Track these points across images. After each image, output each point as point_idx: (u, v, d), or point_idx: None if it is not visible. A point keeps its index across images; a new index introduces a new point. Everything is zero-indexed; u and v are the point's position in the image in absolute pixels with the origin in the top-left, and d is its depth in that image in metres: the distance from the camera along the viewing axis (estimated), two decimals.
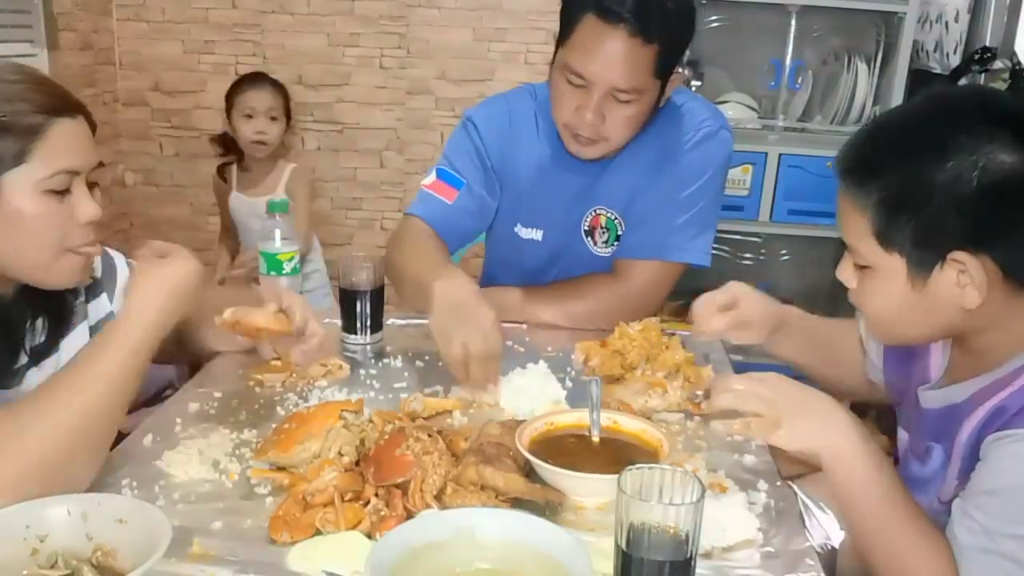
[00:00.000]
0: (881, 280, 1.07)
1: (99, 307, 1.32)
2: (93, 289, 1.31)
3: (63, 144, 1.09)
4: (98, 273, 1.31)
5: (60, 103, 1.11)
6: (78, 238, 1.13)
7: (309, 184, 2.98)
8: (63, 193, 1.10)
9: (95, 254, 1.18)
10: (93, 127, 1.17)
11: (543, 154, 1.74)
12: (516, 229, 1.81)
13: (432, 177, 1.77)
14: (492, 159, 1.76)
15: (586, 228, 1.77)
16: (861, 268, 1.10)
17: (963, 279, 1.01)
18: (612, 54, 1.49)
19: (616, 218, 1.74)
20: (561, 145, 1.69)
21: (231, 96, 2.88)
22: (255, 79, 2.93)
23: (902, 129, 1.06)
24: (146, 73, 3.34)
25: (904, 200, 1.00)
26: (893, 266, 1.04)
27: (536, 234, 1.79)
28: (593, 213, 1.75)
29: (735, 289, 1.43)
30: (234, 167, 2.92)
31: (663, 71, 1.55)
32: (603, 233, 1.75)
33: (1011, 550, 0.97)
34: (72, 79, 2.99)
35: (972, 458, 1.05)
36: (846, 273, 1.14)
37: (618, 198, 1.72)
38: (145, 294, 1.15)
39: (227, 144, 2.93)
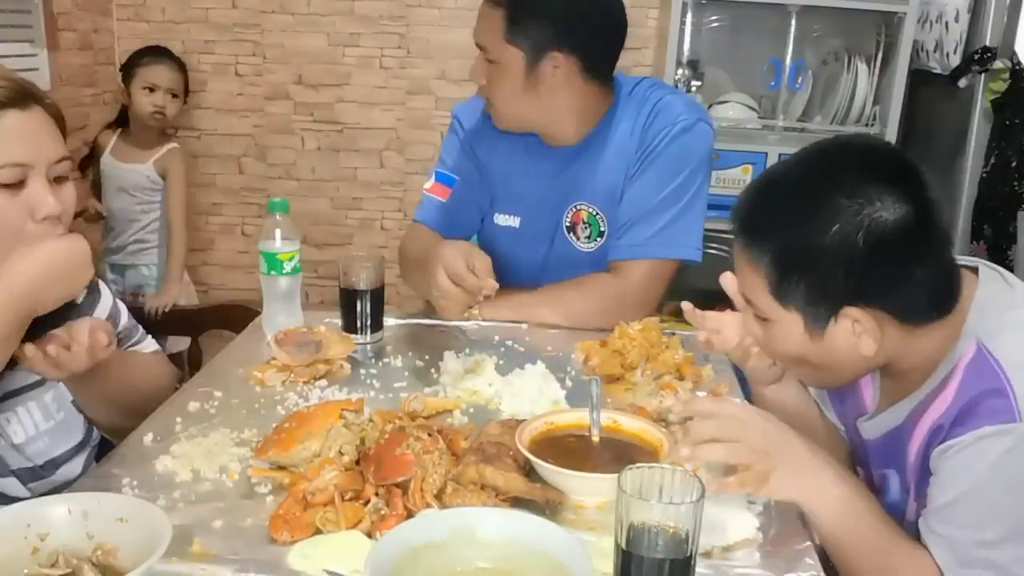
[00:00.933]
0: (781, 332, 1.08)
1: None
2: (71, 315, 1.20)
3: (11, 136, 1.06)
4: (79, 299, 1.24)
5: (10, 94, 1.07)
6: (36, 234, 1.09)
7: (184, 165, 2.95)
8: (15, 187, 1.07)
9: None
10: (59, 119, 1.14)
11: (518, 142, 1.78)
12: (495, 218, 1.86)
13: (431, 180, 1.86)
14: (475, 149, 1.83)
15: (568, 224, 1.79)
16: (762, 320, 1.11)
17: (857, 328, 1.03)
18: (479, 16, 1.64)
19: (597, 214, 1.76)
20: (535, 134, 1.76)
21: (131, 66, 2.87)
22: (158, 53, 2.93)
23: (789, 191, 1.07)
24: None
25: (794, 261, 1.03)
26: (790, 320, 1.06)
27: (513, 221, 1.83)
28: (574, 209, 1.77)
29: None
30: (115, 133, 2.92)
31: (517, 38, 1.60)
32: (585, 228, 1.78)
33: (984, 557, 0.99)
34: (72, 79, 2.99)
35: (925, 477, 1.07)
36: (750, 325, 1.15)
37: (597, 193, 1.75)
38: (20, 265, 1.07)
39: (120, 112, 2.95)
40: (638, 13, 3.18)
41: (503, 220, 1.84)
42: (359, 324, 1.61)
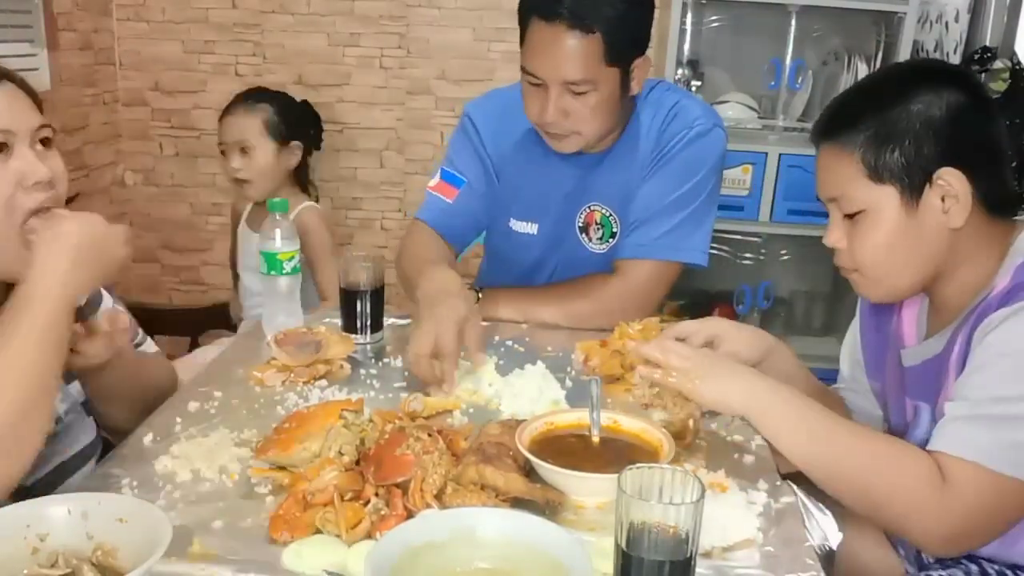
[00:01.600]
0: (874, 218, 1.16)
1: None
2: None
3: None
4: (81, 300, 1.19)
5: None
6: (27, 201, 1.08)
7: (322, 227, 2.37)
8: (1, 155, 1.06)
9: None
10: (31, 94, 1.13)
11: (537, 148, 1.75)
12: (510, 224, 1.83)
13: (436, 178, 1.82)
14: (489, 152, 1.79)
15: (580, 225, 1.78)
16: (851, 218, 1.18)
17: (948, 202, 1.13)
18: (556, 50, 1.53)
19: (611, 215, 1.75)
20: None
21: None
22: (237, 102, 2.45)
23: (869, 90, 1.21)
24: (146, 73, 3.34)
25: (889, 134, 1.13)
26: (886, 197, 1.14)
27: (531, 227, 1.81)
28: (588, 209, 1.77)
29: (714, 327, 1.35)
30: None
31: (616, 58, 1.56)
32: (598, 229, 1.77)
33: (994, 411, 1.02)
34: (72, 79, 2.99)
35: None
36: (835, 234, 1.21)
37: (612, 195, 1.74)
38: (45, 266, 1.03)
39: None
40: None
41: (521, 227, 1.82)
42: (359, 324, 1.61)
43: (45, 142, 1.13)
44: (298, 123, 2.48)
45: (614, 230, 1.75)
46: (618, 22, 1.53)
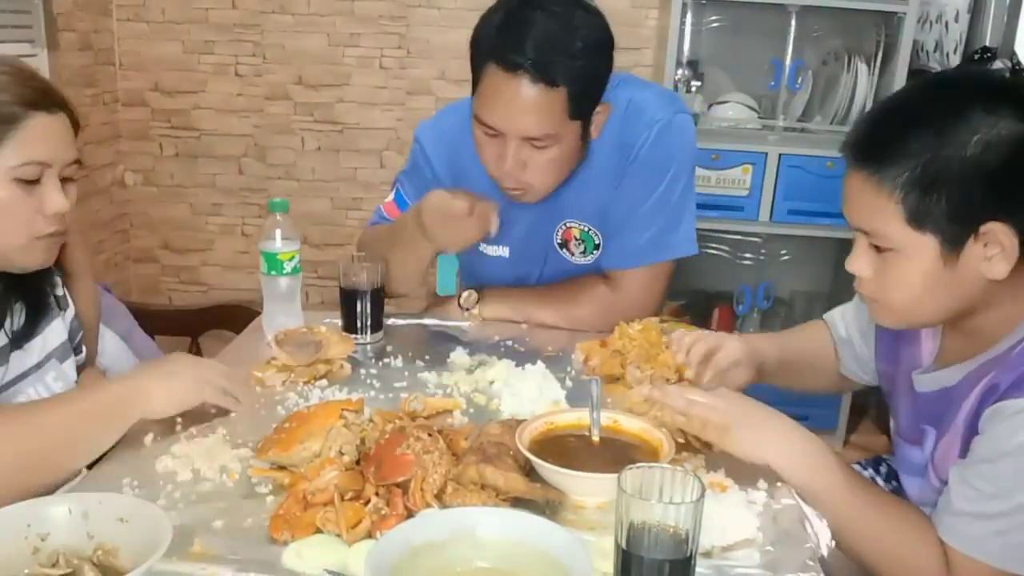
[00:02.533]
0: (908, 263, 1.06)
1: (68, 316, 1.37)
2: (63, 303, 1.36)
3: (37, 136, 1.15)
4: (61, 291, 1.36)
5: (40, 98, 1.16)
6: (44, 227, 1.18)
7: None
8: (32, 183, 1.16)
9: (58, 242, 1.24)
10: (76, 126, 1.22)
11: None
12: (482, 248, 1.75)
13: (390, 199, 1.77)
14: (441, 179, 1.71)
15: (559, 241, 1.73)
16: (881, 254, 1.08)
17: (991, 249, 1.02)
18: (517, 103, 1.42)
19: (590, 230, 1.69)
20: None
21: None
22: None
23: (917, 112, 1.04)
24: (146, 73, 3.34)
25: (935, 178, 1.00)
26: (924, 247, 1.03)
27: (502, 251, 1.75)
28: (564, 227, 1.71)
29: (712, 340, 1.37)
30: None
31: (579, 112, 1.47)
32: (579, 244, 1.72)
33: (1003, 509, 1.00)
34: (72, 79, 2.99)
35: (970, 438, 1.07)
36: (860, 263, 1.11)
37: (586, 210, 1.67)
38: (143, 386, 1.19)
39: None
40: (638, 13, 3.18)
41: (492, 251, 1.76)
42: (359, 324, 1.61)
43: (69, 180, 1.22)
44: None
45: (596, 243, 1.70)
46: (583, 76, 1.44)
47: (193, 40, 3.30)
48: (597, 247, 1.71)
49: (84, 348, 1.42)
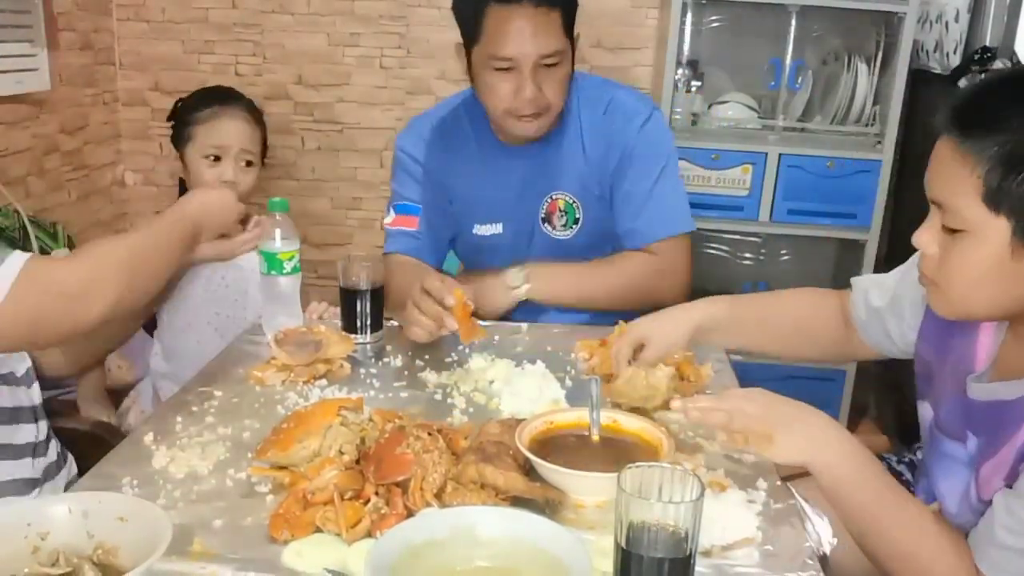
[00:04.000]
0: (975, 245, 0.99)
1: None
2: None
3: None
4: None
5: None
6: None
7: None
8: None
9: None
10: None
11: (482, 152, 1.81)
12: (474, 230, 1.86)
13: (391, 215, 1.86)
14: (432, 172, 1.83)
15: (543, 215, 1.83)
16: (949, 232, 1.02)
17: None
18: (527, 28, 1.59)
19: (574, 201, 1.81)
20: (497, 140, 1.79)
21: (189, 120, 2.09)
22: (229, 102, 2.12)
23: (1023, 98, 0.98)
24: (146, 73, 3.34)
25: (1023, 158, 0.94)
26: (996, 230, 0.97)
27: (496, 228, 1.85)
28: (550, 199, 1.82)
29: (637, 332, 1.41)
30: None
31: (570, 31, 1.66)
32: (561, 216, 1.83)
33: None
34: (72, 79, 2.99)
35: (1020, 464, 1.01)
36: (926, 236, 1.06)
37: (573, 181, 1.80)
38: (192, 202, 1.42)
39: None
40: (638, 13, 3.17)
41: (486, 230, 1.86)
42: (359, 324, 1.61)
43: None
44: None
45: (577, 216, 1.82)
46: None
47: (193, 40, 3.30)
48: (577, 221, 1.82)
49: None
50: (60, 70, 2.87)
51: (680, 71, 2.97)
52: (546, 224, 1.83)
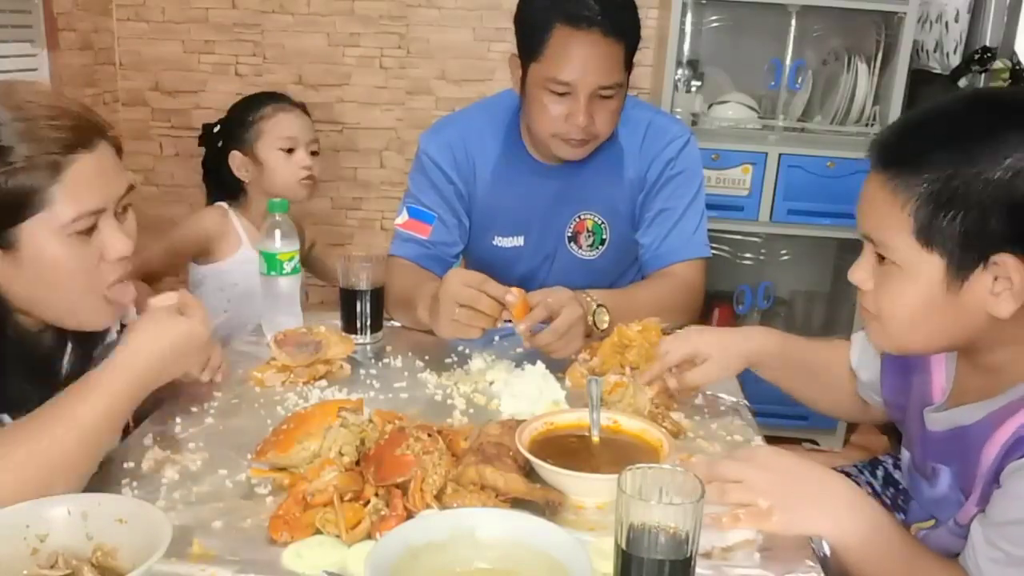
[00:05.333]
0: (909, 280, 1.00)
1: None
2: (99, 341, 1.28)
3: (84, 182, 1.04)
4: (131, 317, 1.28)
5: (76, 136, 1.05)
6: (109, 275, 1.10)
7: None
8: (88, 232, 1.06)
9: (127, 302, 1.15)
10: (119, 149, 1.12)
11: (510, 164, 1.79)
12: (494, 241, 1.85)
13: (404, 216, 1.82)
14: (454, 182, 1.80)
15: (570, 234, 1.82)
16: (884, 266, 1.03)
17: (999, 285, 0.95)
18: (592, 56, 1.57)
19: (602, 222, 1.80)
20: (529, 155, 1.77)
21: (254, 119, 2.22)
22: (282, 101, 2.28)
23: (952, 123, 0.98)
24: (146, 73, 3.34)
25: (953, 195, 0.94)
26: (929, 266, 0.98)
27: (518, 240, 1.84)
28: (578, 218, 1.81)
29: (693, 343, 1.33)
30: (232, 213, 2.23)
31: (629, 64, 1.65)
32: (588, 237, 1.82)
33: None
34: (72, 79, 2.99)
35: (993, 485, 1.00)
36: (861, 274, 1.06)
37: (603, 202, 1.79)
38: (143, 344, 1.09)
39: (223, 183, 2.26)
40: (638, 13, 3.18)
41: (506, 242, 1.84)
42: (359, 324, 1.61)
43: (124, 210, 1.13)
44: None
45: (604, 236, 1.81)
46: (636, 29, 1.64)
47: (193, 40, 3.30)
48: (604, 242, 1.81)
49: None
50: (60, 70, 2.87)
51: (680, 71, 2.97)
52: (572, 243, 1.82)
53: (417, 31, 3.25)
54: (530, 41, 1.62)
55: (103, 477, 1.12)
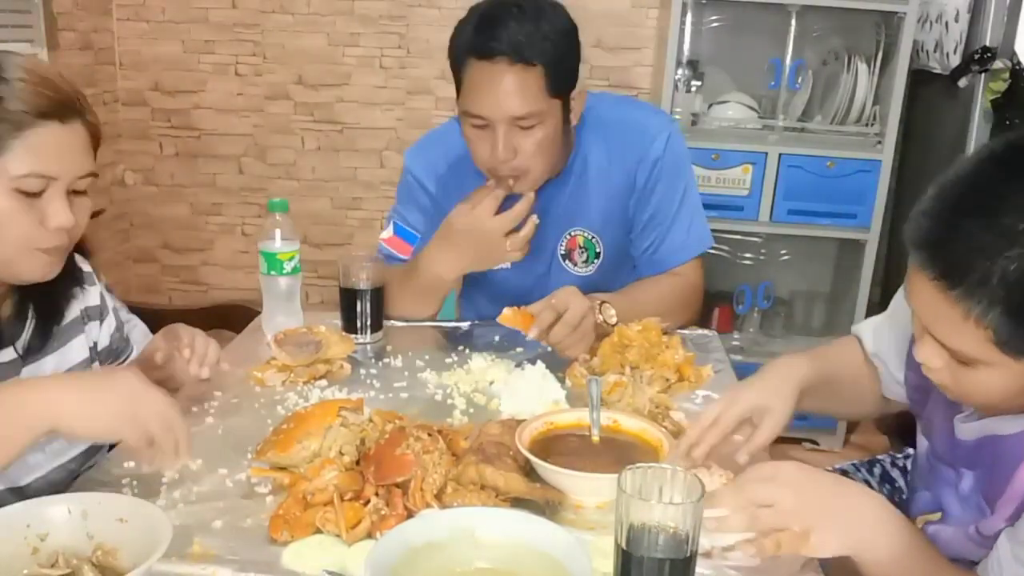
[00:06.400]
0: (995, 372, 0.92)
1: (94, 332, 1.31)
2: (93, 313, 1.30)
3: (44, 147, 1.07)
4: (95, 301, 1.31)
5: (54, 107, 1.08)
6: (44, 241, 1.10)
7: None
8: (35, 195, 1.07)
9: (61, 254, 1.14)
10: (96, 136, 1.14)
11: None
12: None
13: (389, 231, 1.78)
14: (439, 200, 1.74)
15: (563, 252, 1.77)
16: (962, 363, 0.95)
17: None
18: (500, 87, 1.49)
19: (594, 237, 1.75)
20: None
21: None
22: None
23: (990, 201, 0.88)
24: (146, 73, 3.34)
25: None
26: (1014, 369, 0.91)
27: (504, 263, 1.74)
28: (568, 236, 1.76)
29: (746, 400, 1.19)
30: None
31: (557, 89, 1.54)
32: (581, 253, 1.77)
33: None
34: (72, 79, 2.98)
35: None
36: (928, 352, 0.97)
37: (592, 217, 1.74)
38: (57, 398, 1.00)
39: None
40: (638, 13, 3.17)
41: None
42: (359, 324, 1.61)
43: (81, 192, 1.14)
44: None
45: (597, 251, 1.76)
46: (555, 54, 1.52)
47: (193, 40, 3.30)
48: (598, 256, 1.77)
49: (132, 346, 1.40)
50: (60, 70, 2.86)
51: (680, 71, 2.97)
52: (567, 261, 1.78)
53: (417, 31, 3.25)
54: (455, 78, 1.57)
55: (103, 476, 1.12)
